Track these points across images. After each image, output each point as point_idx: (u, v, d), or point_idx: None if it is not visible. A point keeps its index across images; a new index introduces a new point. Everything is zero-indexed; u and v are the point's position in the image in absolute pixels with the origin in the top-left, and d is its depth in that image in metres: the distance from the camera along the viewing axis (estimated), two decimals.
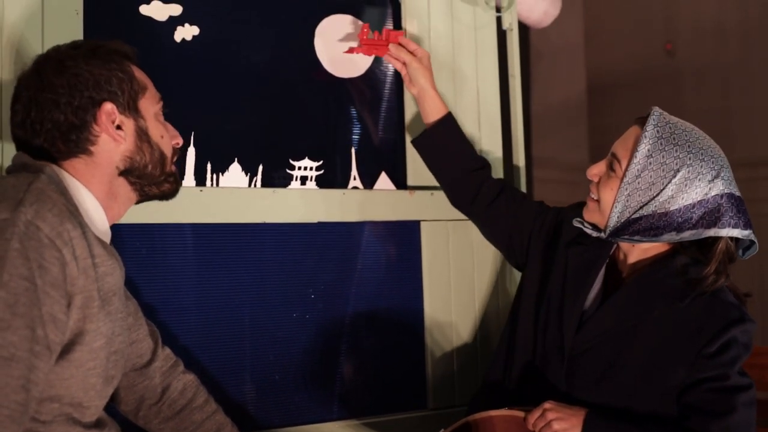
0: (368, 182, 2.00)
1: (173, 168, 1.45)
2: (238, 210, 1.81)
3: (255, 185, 1.86)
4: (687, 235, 1.50)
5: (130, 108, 1.37)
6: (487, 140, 2.14)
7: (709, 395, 1.47)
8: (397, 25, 2.07)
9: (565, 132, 4.40)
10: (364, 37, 1.89)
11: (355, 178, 1.99)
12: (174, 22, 1.79)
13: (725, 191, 1.51)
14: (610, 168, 1.59)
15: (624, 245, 1.63)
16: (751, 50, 4.08)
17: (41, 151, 1.32)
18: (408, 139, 2.04)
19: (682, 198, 1.49)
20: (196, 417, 1.57)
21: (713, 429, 1.44)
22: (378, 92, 2.04)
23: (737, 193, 1.53)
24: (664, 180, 1.50)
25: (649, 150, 1.51)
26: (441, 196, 2.03)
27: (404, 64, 1.90)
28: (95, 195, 1.34)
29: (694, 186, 1.49)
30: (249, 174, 1.86)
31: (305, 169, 1.92)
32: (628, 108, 4.10)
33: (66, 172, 1.32)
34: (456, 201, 1.97)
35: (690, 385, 1.48)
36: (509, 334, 1.79)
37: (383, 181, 2.03)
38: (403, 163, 2.04)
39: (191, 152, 1.79)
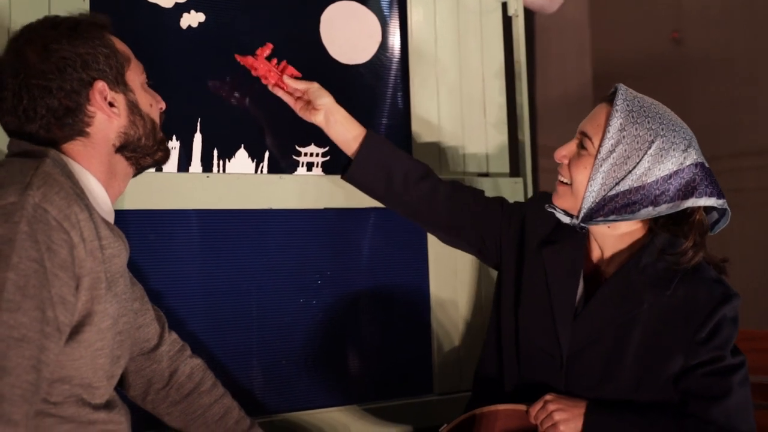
0: None
1: (162, 134, 1.46)
2: (244, 196, 1.82)
3: (261, 171, 1.86)
4: (664, 208, 1.48)
5: (119, 83, 1.36)
6: (493, 128, 2.14)
7: (706, 380, 1.47)
8: (403, 12, 2.07)
9: (571, 121, 4.38)
10: (264, 55, 1.73)
11: None
12: (180, 8, 1.80)
13: (698, 160, 1.50)
14: (581, 147, 1.55)
15: (599, 236, 1.59)
16: (758, 39, 4.06)
17: (37, 137, 1.32)
18: (414, 124, 2.04)
19: (659, 169, 1.47)
20: (204, 401, 1.58)
21: (713, 412, 1.45)
22: (384, 79, 2.04)
23: (707, 164, 1.51)
24: (639, 152, 1.47)
25: (621, 124, 1.49)
26: None
27: (297, 97, 1.75)
28: (96, 176, 1.34)
29: (669, 156, 1.47)
30: (255, 160, 1.86)
31: (311, 155, 1.93)
32: None
33: (67, 156, 1.32)
34: (416, 218, 1.80)
35: (686, 371, 1.49)
36: (496, 336, 1.72)
37: None
38: (409, 149, 2.04)
39: (198, 139, 1.80)
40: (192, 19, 1.81)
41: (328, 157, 1.95)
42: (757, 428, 1.52)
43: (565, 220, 1.58)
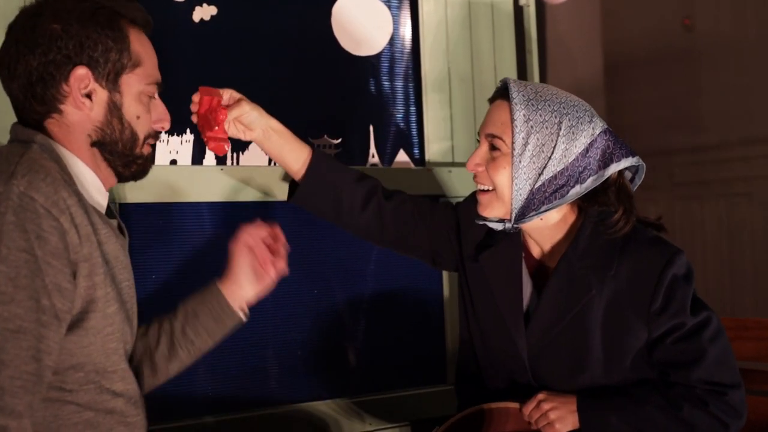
0: (386, 159, 2.02)
1: (145, 150, 1.37)
2: (258, 188, 1.83)
3: (275, 164, 1.87)
4: (590, 182, 1.48)
5: (109, 80, 1.30)
6: None
7: (677, 347, 1.47)
8: (414, 3, 2.06)
9: None
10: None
11: (373, 156, 2.00)
12: (192, 2, 1.81)
13: (604, 127, 1.51)
14: (493, 149, 1.51)
15: (533, 231, 1.56)
16: None
17: (22, 106, 1.30)
18: (426, 115, 2.04)
19: (575, 146, 1.47)
20: (176, 335, 1.49)
21: (694, 376, 1.46)
22: (395, 70, 2.05)
23: (610, 127, 1.52)
24: (552, 136, 1.47)
25: (525, 114, 1.47)
26: (459, 173, 2.04)
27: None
28: (84, 161, 1.30)
29: (580, 131, 1.47)
30: None
31: (324, 146, 1.94)
32: (645, 85, 4.07)
33: (54, 141, 1.29)
34: (367, 239, 1.75)
35: (654, 342, 1.49)
36: (468, 335, 1.68)
37: (401, 158, 2.04)
38: (421, 140, 2.05)
39: None
40: (204, 12, 1.82)
41: (340, 149, 1.96)
42: (759, 416, 1.52)
43: (498, 227, 1.54)
